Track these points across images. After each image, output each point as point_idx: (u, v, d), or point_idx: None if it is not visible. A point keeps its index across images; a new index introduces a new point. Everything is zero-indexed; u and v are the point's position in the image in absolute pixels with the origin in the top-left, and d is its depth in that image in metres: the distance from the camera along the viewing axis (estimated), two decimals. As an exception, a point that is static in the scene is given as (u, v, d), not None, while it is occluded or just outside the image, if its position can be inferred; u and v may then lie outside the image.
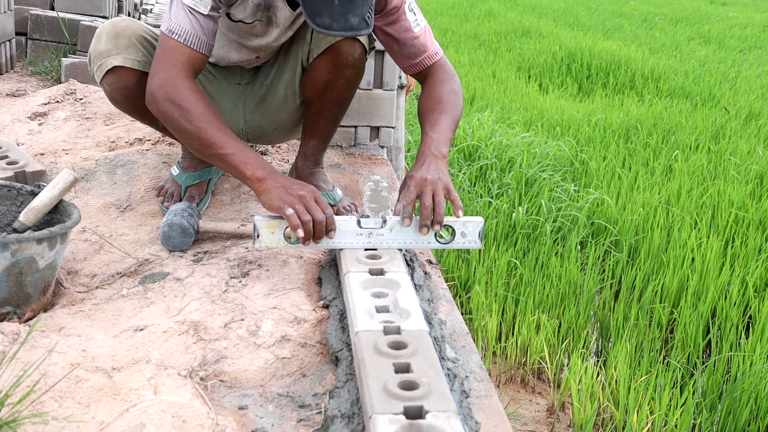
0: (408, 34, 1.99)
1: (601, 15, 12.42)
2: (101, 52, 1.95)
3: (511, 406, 2.41)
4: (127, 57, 1.94)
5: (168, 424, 1.23)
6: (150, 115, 2.06)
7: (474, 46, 8.81)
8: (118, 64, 1.93)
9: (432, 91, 1.99)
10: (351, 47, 2.02)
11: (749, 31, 10.87)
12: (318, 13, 1.67)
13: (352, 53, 2.02)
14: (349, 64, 2.04)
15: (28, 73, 3.87)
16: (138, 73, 1.95)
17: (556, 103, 5.95)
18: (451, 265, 3.08)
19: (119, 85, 1.97)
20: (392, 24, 1.97)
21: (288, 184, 1.72)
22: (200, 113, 1.75)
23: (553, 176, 3.95)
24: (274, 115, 2.21)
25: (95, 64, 1.98)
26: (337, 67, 2.04)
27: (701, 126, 5.26)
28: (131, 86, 1.96)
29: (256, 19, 1.99)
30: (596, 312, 2.93)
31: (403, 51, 2.01)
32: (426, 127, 1.92)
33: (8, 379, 1.28)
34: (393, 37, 1.99)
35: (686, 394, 2.24)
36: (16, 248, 1.51)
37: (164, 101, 1.77)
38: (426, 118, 1.94)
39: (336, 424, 1.22)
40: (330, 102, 2.12)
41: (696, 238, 3.21)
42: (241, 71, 2.21)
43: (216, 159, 1.77)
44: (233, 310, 1.61)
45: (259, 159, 1.76)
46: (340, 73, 2.05)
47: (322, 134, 2.22)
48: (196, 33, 1.82)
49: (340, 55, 2.02)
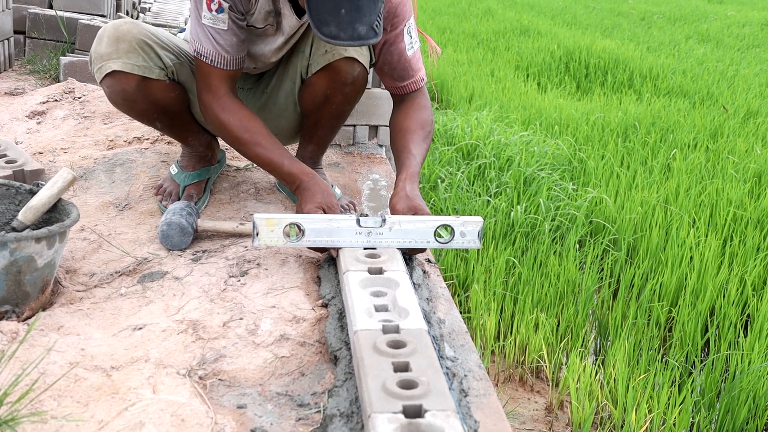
0: (401, 57, 2.00)
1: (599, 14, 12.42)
2: (101, 54, 1.95)
3: (509, 405, 2.41)
4: (126, 62, 1.94)
5: (167, 423, 1.23)
6: (148, 117, 2.07)
7: (472, 45, 8.80)
8: (117, 69, 1.93)
9: (417, 115, 2.03)
10: (349, 66, 2.00)
11: (747, 30, 10.87)
12: (325, 22, 1.66)
13: (351, 72, 2.01)
14: (348, 81, 2.03)
15: (26, 72, 3.86)
16: (137, 78, 1.95)
17: (554, 102, 5.95)
18: (450, 264, 3.08)
19: (118, 89, 1.97)
20: (387, 44, 1.99)
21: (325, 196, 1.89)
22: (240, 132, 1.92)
23: (552, 175, 3.95)
24: (274, 122, 2.21)
25: (95, 66, 1.98)
26: (336, 84, 2.04)
27: (699, 124, 5.26)
28: (130, 90, 1.96)
29: (268, 24, 1.99)
30: (595, 311, 2.93)
31: (393, 73, 2.03)
32: (411, 147, 1.96)
33: (7, 377, 1.28)
34: (385, 57, 2.00)
35: (684, 392, 2.24)
36: (15, 247, 1.51)
37: (213, 120, 1.95)
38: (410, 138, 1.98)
39: (335, 423, 1.22)
40: (328, 114, 2.13)
41: (694, 236, 3.22)
42: (245, 76, 2.21)
43: (264, 167, 1.96)
44: (232, 309, 1.61)
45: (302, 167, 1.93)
46: (338, 90, 2.05)
47: (319, 141, 2.23)
48: (220, 53, 1.89)
49: (338, 74, 2.02)
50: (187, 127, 2.17)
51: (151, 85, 1.98)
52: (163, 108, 2.05)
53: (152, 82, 1.98)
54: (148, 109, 2.04)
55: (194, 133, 2.19)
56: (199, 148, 2.21)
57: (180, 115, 2.12)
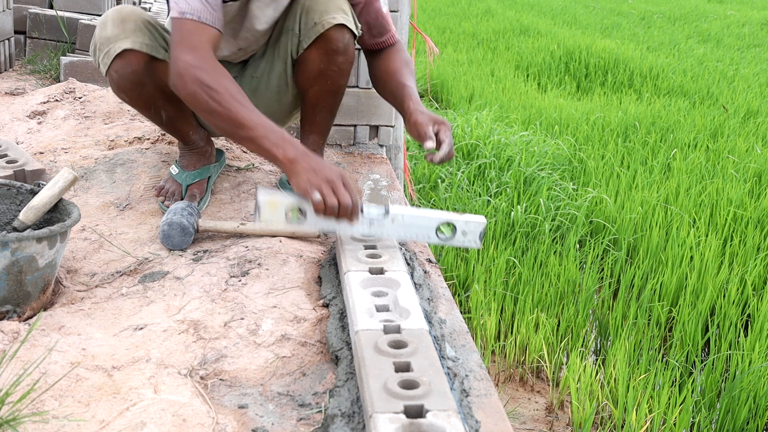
0: (378, 14, 2.13)
1: (599, 13, 12.42)
2: (108, 38, 1.94)
3: (510, 405, 2.41)
4: (135, 40, 1.94)
5: (168, 423, 1.23)
6: (155, 105, 2.07)
7: (472, 45, 8.81)
8: (127, 47, 1.93)
9: (400, 56, 2.15)
10: (340, 33, 2.04)
11: (747, 30, 10.87)
12: None
13: (342, 39, 2.05)
14: (340, 50, 2.06)
15: (27, 72, 3.86)
16: (146, 57, 1.96)
17: (554, 102, 5.95)
18: (450, 264, 3.08)
19: (128, 71, 1.96)
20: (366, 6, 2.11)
21: (318, 168, 1.70)
22: (230, 94, 1.73)
23: (552, 175, 3.95)
24: (267, 105, 2.21)
25: (101, 52, 1.96)
26: (329, 55, 2.07)
27: (699, 124, 5.26)
28: (140, 71, 1.96)
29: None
30: (595, 311, 2.93)
31: (372, 30, 2.14)
32: (405, 81, 2.07)
33: (8, 377, 1.29)
34: (364, 17, 2.11)
35: (685, 392, 2.24)
36: (16, 247, 1.51)
37: (192, 83, 1.74)
38: (402, 75, 2.08)
39: (336, 423, 1.22)
40: (325, 91, 2.15)
41: (694, 236, 3.22)
42: (228, 66, 2.22)
43: (247, 141, 1.76)
44: (233, 309, 1.61)
45: (290, 140, 1.74)
46: (332, 61, 2.08)
47: (320, 127, 2.24)
48: (208, 9, 1.83)
49: (330, 43, 2.04)
50: (190, 120, 2.18)
51: (158, 67, 1.99)
52: (170, 93, 2.05)
53: (159, 64, 1.99)
54: (155, 94, 2.03)
55: (196, 127, 2.20)
56: (199, 143, 2.22)
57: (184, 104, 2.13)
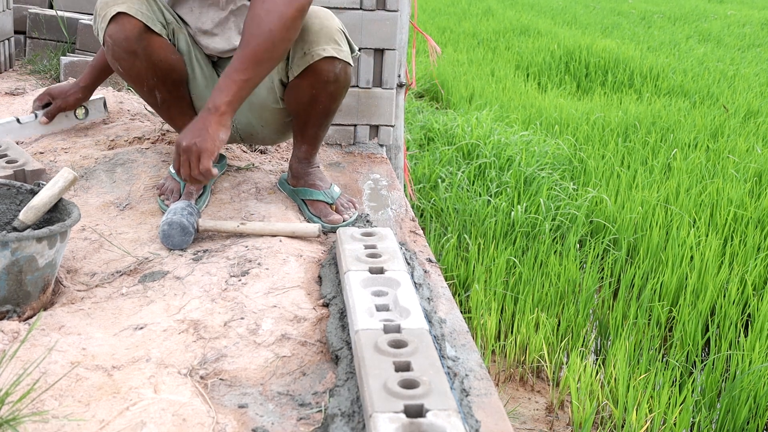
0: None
1: (599, 13, 12.42)
2: (107, 2, 1.98)
3: (510, 405, 2.41)
4: (131, 6, 1.97)
5: (168, 423, 1.23)
6: (148, 83, 2.09)
7: (472, 45, 8.80)
8: (122, 11, 1.96)
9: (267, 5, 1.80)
10: (330, 65, 1.98)
11: (748, 29, 10.87)
12: None
13: (332, 70, 1.99)
14: (331, 80, 2.01)
15: (26, 72, 3.86)
16: (140, 25, 1.98)
17: (554, 102, 5.95)
18: (450, 264, 3.08)
19: (121, 36, 1.98)
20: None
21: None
22: None
23: (552, 175, 3.95)
24: (259, 112, 2.21)
25: (99, 16, 2.00)
26: (320, 84, 2.02)
27: (700, 124, 5.26)
28: (133, 38, 1.98)
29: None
30: (595, 310, 2.93)
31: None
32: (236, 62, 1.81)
33: (8, 377, 1.29)
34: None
35: (685, 392, 2.24)
36: (16, 247, 1.51)
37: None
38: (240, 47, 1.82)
39: (336, 423, 1.22)
40: (316, 113, 2.11)
41: (695, 236, 3.22)
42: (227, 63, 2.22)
43: None
44: (233, 308, 1.61)
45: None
46: (323, 89, 2.03)
47: (311, 140, 2.22)
48: None
49: (321, 74, 1.99)
50: (185, 110, 2.19)
51: (153, 41, 2.01)
52: (163, 73, 2.06)
53: (154, 37, 2.01)
54: (148, 69, 2.04)
55: (191, 117, 2.19)
56: None
57: (179, 88, 2.15)
